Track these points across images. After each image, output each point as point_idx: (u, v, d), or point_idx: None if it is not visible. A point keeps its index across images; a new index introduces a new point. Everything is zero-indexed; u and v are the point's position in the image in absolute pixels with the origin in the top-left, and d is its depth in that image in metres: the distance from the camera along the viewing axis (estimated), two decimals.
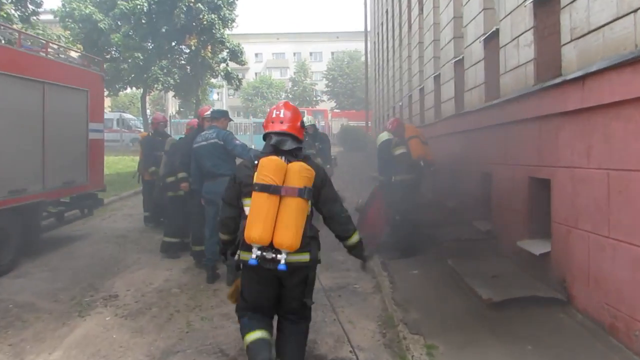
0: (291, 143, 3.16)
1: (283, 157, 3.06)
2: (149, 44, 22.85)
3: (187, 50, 23.94)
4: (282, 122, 3.19)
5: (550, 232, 4.96)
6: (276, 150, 3.12)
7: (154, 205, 8.23)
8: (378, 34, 23.23)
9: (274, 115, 3.23)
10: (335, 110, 40.84)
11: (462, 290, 5.08)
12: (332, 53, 55.50)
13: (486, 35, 6.84)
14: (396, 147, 6.55)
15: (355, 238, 3.32)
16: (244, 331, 3.19)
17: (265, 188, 2.91)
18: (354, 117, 35.56)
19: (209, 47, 23.59)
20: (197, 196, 5.98)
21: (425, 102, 11.69)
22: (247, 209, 3.03)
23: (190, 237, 6.60)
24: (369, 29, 25.93)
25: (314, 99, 51.73)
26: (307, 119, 8.18)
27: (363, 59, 49.76)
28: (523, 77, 5.55)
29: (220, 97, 50.38)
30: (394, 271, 5.98)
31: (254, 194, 2.95)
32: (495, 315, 4.38)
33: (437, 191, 9.30)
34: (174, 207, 6.91)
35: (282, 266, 2.87)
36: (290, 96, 52.18)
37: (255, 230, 2.87)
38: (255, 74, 56.46)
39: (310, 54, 60.76)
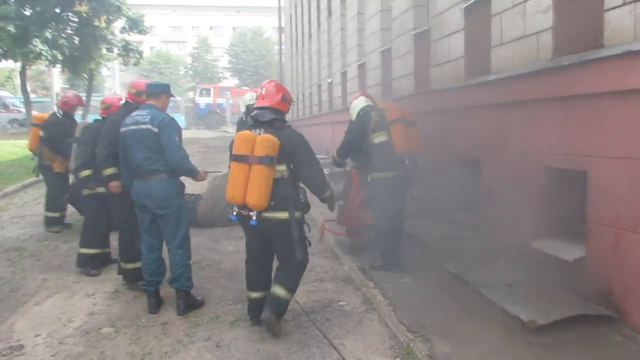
0: (269, 115, 3.69)
1: (260, 130, 3.64)
2: (28, 11, 19.16)
3: (76, 19, 20.59)
4: (263, 98, 3.75)
5: (581, 234, 4.23)
6: (256, 122, 3.71)
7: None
8: (296, 6, 21.86)
9: (258, 94, 3.84)
10: (244, 88, 38.78)
11: (479, 306, 4.19)
12: (234, 28, 53.08)
13: None
14: (375, 132, 5.17)
15: (326, 194, 3.93)
16: (247, 283, 4.01)
17: (237, 157, 3.54)
18: None
19: (104, 16, 20.54)
20: (125, 196, 4.50)
21: (369, 78, 10.73)
22: None
23: (117, 249, 5.02)
24: (282, 3, 24.42)
25: (216, 75, 49.18)
26: (251, 96, 6.85)
27: (266, 35, 49.01)
28: (534, 49, 4.73)
29: (112, 73, 45.71)
30: (381, 280, 4.97)
31: (231, 162, 3.61)
32: (543, 343, 3.52)
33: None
34: (91, 209, 5.30)
35: (252, 222, 3.53)
36: (191, 72, 49.10)
37: (229, 192, 3.58)
38: (151, 48, 52.11)
39: (211, 28, 57.67)
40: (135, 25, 21.88)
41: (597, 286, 3.90)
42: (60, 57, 19.90)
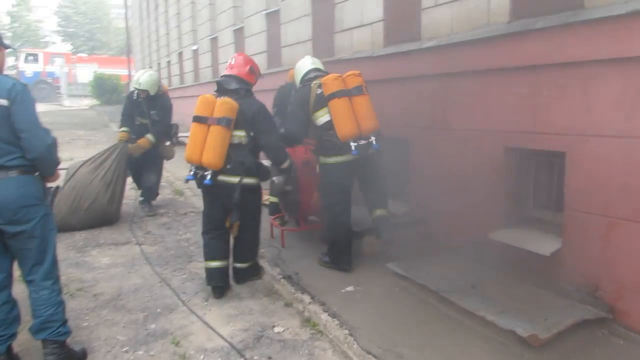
0: (235, 84, 3.88)
1: (224, 97, 3.76)
2: None
3: None
4: (232, 68, 3.97)
5: (552, 223, 3.76)
6: (222, 89, 3.87)
7: None
8: None
9: (227, 63, 4.05)
10: (81, 55, 33.82)
11: (451, 317, 3.47)
12: None
13: None
14: (317, 110, 4.17)
15: (285, 164, 4.13)
16: (204, 254, 4.08)
17: (197, 118, 3.72)
18: (107, 63, 29.88)
19: None
20: None
21: (250, 45, 9.48)
22: None
23: None
24: None
25: (42, 39, 42.57)
26: (151, 79, 6.21)
27: None
28: (484, 12, 4.09)
29: None
30: (318, 291, 3.99)
31: (192, 123, 3.76)
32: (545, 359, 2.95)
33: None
34: None
35: (207, 181, 3.71)
36: (10, 34, 41.79)
37: (187, 151, 3.75)
38: None
39: None
40: None
41: (580, 283, 3.44)
42: None
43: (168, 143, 6.48)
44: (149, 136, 6.26)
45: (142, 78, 6.21)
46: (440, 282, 3.81)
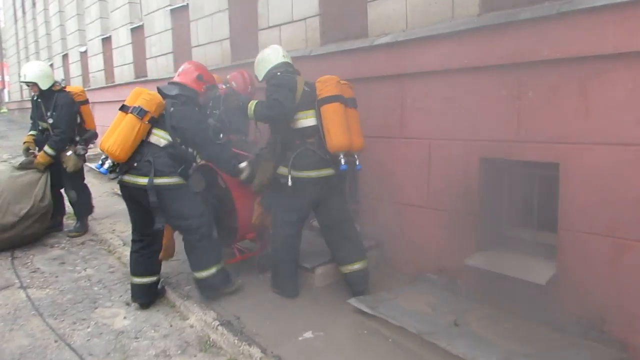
0: (177, 90, 3.60)
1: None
2: None
3: None
4: (178, 75, 3.72)
5: (542, 245, 3.26)
6: (162, 95, 3.58)
7: None
8: None
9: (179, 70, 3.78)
10: None
11: None
12: None
13: None
14: (301, 110, 3.46)
15: (242, 176, 3.68)
16: (130, 266, 3.75)
17: (121, 107, 3.47)
18: None
19: None
20: None
21: (152, 45, 8.32)
22: None
23: None
24: None
25: None
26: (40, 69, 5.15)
27: None
28: (447, 5, 3.55)
29: None
30: (268, 340, 3.12)
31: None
32: None
33: None
34: None
35: (101, 169, 3.36)
36: None
37: (102, 138, 3.42)
38: None
39: None
40: None
41: (581, 315, 2.95)
42: None
43: (69, 153, 5.18)
44: (46, 149, 5.11)
45: (27, 69, 5.04)
46: (417, 320, 3.15)
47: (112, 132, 3.36)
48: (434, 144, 3.72)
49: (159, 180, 3.37)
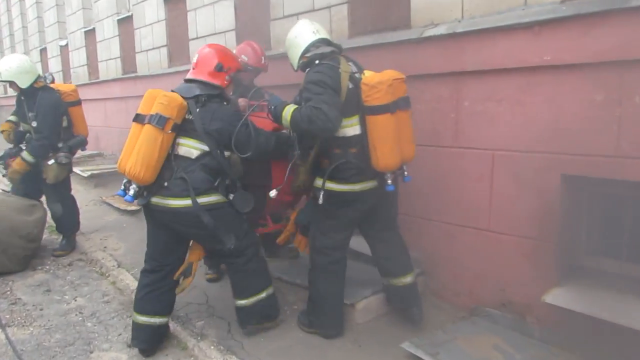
0: (195, 90, 2.92)
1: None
2: None
3: None
4: (194, 68, 3.02)
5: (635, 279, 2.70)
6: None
7: None
8: None
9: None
10: None
11: None
12: None
13: None
14: (347, 115, 2.77)
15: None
16: (134, 302, 3.04)
17: (135, 117, 2.83)
18: None
19: None
20: None
21: (144, 38, 7.59)
22: None
23: None
24: None
25: None
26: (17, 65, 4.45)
27: None
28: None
29: None
30: None
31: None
32: None
33: None
34: None
35: (128, 198, 2.77)
36: None
37: (120, 158, 2.82)
38: None
39: None
40: None
41: None
42: None
43: (51, 162, 4.43)
44: (25, 155, 4.39)
45: (2, 65, 4.35)
46: None
47: (130, 149, 2.76)
48: (499, 155, 3.13)
49: (206, 199, 2.82)
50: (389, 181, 2.75)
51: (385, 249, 3.10)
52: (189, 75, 3.02)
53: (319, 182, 2.87)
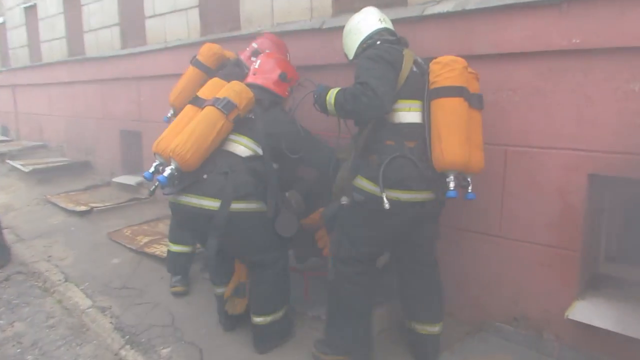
0: (258, 94, 2.74)
1: None
2: None
3: None
4: (255, 74, 2.90)
5: None
6: None
7: None
8: None
9: (251, 67, 2.99)
10: None
11: None
12: None
13: None
14: (404, 98, 2.33)
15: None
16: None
17: (193, 100, 2.69)
18: None
19: None
20: None
21: (104, 14, 6.81)
22: None
23: None
24: None
25: None
26: None
27: None
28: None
29: None
30: None
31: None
32: None
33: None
34: None
35: (161, 178, 2.43)
36: None
37: (160, 137, 2.60)
38: None
39: None
40: None
41: None
42: None
43: None
44: None
45: None
46: None
47: (177, 129, 2.55)
48: (512, 152, 2.76)
49: (236, 206, 2.50)
50: (452, 185, 2.19)
51: (418, 287, 2.60)
52: (249, 80, 2.87)
53: (360, 181, 2.36)
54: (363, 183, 2.34)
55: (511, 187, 2.79)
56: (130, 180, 6.36)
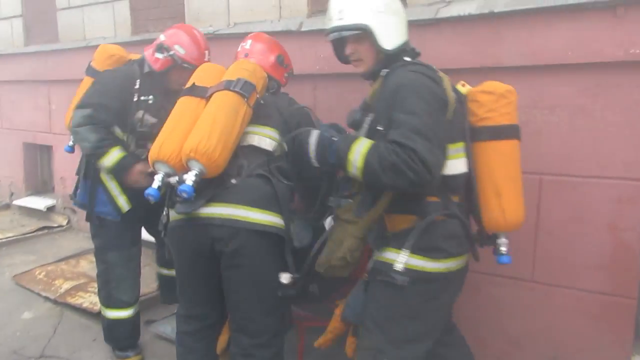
0: None
1: None
2: None
3: None
4: (247, 55, 2.28)
5: None
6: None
7: None
8: None
9: (238, 49, 2.34)
10: None
11: None
12: None
13: None
14: (453, 141, 1.70)
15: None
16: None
17: (190, 90, 2.04)
18: None
19: None
20: None
21: None
22: None
23: None
24: None
25: None
26: None
27: None
28: None
29: None
30: None
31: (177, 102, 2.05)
32: None
33: None
34: None
35: (186, 188, 1.76)
36: None
37: (156, 141, 1.93)
38: None
39: None
40: None
41: None
42: None
43: None
44: None
45: None
46: None
47: (179, 127, 1.91)
48: (549, 181, 2.33)
49: (256, 216, 1.91)
50: (504, 248, 1.75)
51: (449, 355, 2.00)
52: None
53: (392, 254, 1.69)
54: (394, 256, 1.69)
55: (547, 224, 2.36)
56: (38, 203, 5.29)
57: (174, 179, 1.85)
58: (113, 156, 2.41)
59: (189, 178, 1.79)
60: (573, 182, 2.28)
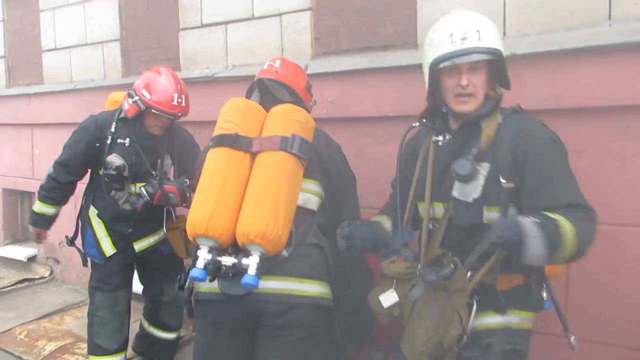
0: (289, 95, 1.95)
1: None
2: None
3: None
4: (277, 72, 2.02)
5: None
6: (268, 98, 1.91)
7: None
8: None
9: (265, 67, 2.07)
10: None
11: None
12: None
13: None
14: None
15: None
16: None
17: (224, 139, 1.69)
18: None
19: None
20: None
21: None
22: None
23: None
24: None
25: None
26: None
27: None
28: None
29: None
30: None
31: (210, 151, 1.72)
32: None
33: None
34: None
35: (247, 281, 1.51)
36: None
37: (196, 211, 1.62)
38: None
39: None
40: None
41: None
42: None
43: None
44: None
45: None
46: None
47: (225, 194, 1.61)
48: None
49: (311, 288, 1.71)
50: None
51: None
52: (270, 76, 2.00)
53: (516, 317, 1.59)
54: (514, 319, 1.56)
55: (579, 275, 2.22)
56: (18, 253, 4.99)
57: (227, 260, 1.59)
58: (41, 208, 2.64)
59: (253, 267, 1.53)
60: (606, 230, 2.11)
